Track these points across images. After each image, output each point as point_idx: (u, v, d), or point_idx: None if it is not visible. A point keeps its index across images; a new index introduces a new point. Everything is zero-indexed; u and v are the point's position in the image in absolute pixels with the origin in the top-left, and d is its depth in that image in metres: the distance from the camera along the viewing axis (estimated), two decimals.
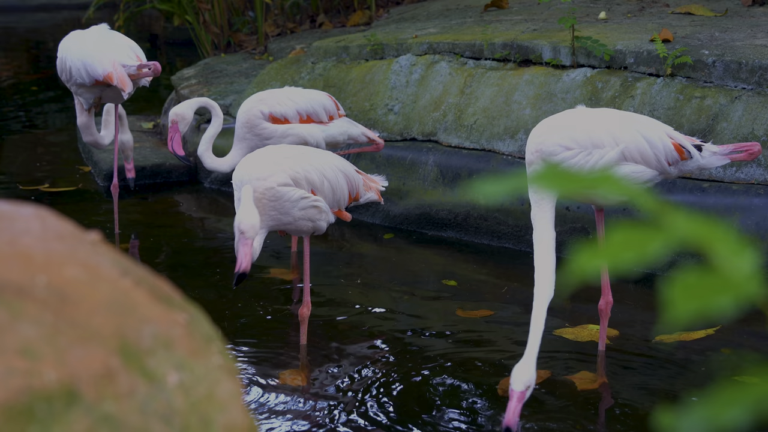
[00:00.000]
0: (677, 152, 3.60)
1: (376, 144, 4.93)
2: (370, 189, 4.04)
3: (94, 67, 4.95)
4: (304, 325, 3.90)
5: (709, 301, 0.62)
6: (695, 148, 3.63)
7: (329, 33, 7.10)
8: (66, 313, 1.05)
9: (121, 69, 4.94)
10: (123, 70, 4.95)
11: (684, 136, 3.66)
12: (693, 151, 3.61)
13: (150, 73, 5.03)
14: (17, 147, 7.28)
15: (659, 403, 3.50)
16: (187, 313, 1.18)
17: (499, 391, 3.57)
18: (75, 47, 5.04)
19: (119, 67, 4.94)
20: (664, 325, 3.80)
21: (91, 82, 5.00)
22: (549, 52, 5.27)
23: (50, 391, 0.97)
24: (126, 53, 5.02)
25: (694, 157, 3.62)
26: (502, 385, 3.59)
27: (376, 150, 5.00)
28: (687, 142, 3.63)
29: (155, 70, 5.01)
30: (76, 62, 5.00)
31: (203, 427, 1.06)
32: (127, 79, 4.93)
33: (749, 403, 0.67)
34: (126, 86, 4.92)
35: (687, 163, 3.63)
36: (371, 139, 4.88)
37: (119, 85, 4.92)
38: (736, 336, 3.98)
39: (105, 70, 4.93)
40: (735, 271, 0.64)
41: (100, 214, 5.68)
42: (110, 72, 4.92)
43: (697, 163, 3.64)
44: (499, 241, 5.06)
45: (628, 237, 0.66)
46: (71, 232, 1.20)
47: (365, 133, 4.85)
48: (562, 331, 4.01)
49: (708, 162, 3.65)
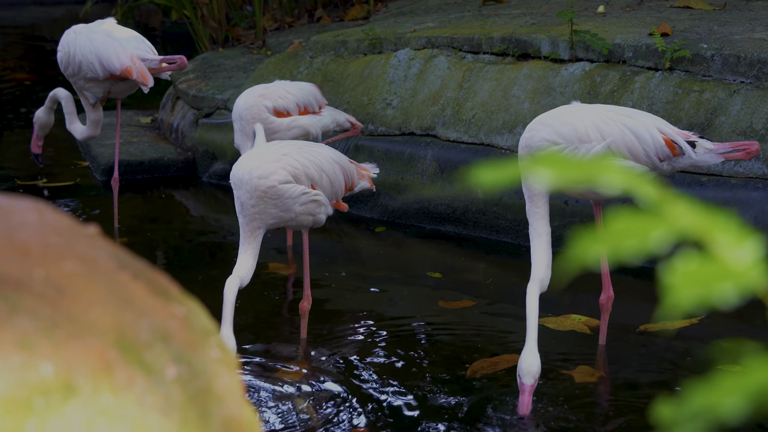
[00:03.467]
0: (668, 148, 3.53)
1: (356, 127, 5.14)
2: (363, 177, 4.06)
3: (111, 61, 4.87)
4: (304, 319, 3.90)
5: (709, 289, 0.62)
6: (689, 145, 3.57)
7: (327, 27, 7.09)
8: (63, 307, 1.05)
9: (140, 63, 4.87)
10: (142, 64, 4.88)
11: (678, 131, 3.59)
12: (685, 147, 3.54)
13: (175, 67, 4.99)
14: (14, 142, 7.27)
15: (658, 394, 3.50)
16: (186, 307, 1.18)
17: (471, 372, 3.57)
18: (85, 41, 4.95)
19: (138, 61, 4.87)
20: (663, 313, 3.81)
21: (105, 76, 4.93)
22: (547, 46, 5.27)
23: (48, 384, 0.97)
24: (143, 47, 4.96)
25: (687, 154, 3.55)
26: (473, 367, 3.69)
27: (355, 134, 5.22)
28: (680, 138, 3.55)
29: (181, 64, 4.97)
30: (88, 56, 4.91)
31: (202, 420, 1.06)
32: (147, 73, 4.86)
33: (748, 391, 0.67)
34: (148, 81, 4.85)
35: (680, 160, 3.57)
36: (353, 123, 5.11)
37: (139, 80, 4.84)
38: (734, 327, 3.98)
39: (123, 64, 4.85)
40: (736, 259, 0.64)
41: (99, 208, 5.67)
42: (129, 66, 4.85)
43: (690, 159, 3.56)
44: (497, 235, 5.06)
45: (629, 225, 0.66)
46: (69, 226, 1.20)
47: (348, 119, 5.08)
48: (545, 320, 4.03)
49: (702, 159, 3.57)
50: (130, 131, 6.64)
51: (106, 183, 5.95)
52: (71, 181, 6.13)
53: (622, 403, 3.49)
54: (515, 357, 3.65)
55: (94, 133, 5.31)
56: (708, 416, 0.69)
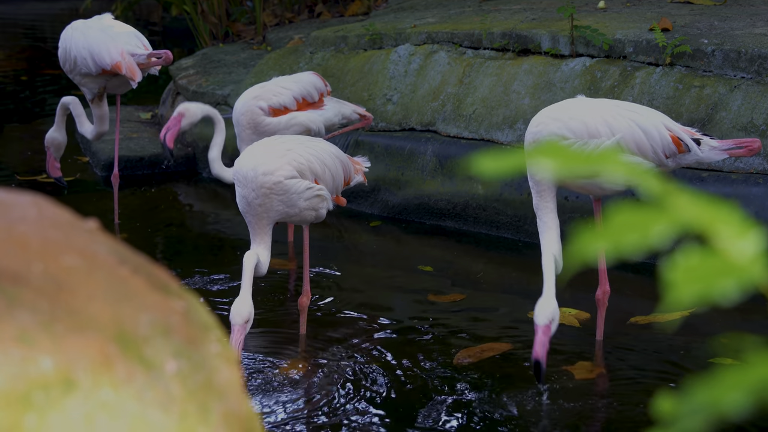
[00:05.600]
0: (675, 145, 3.59)
1: (367, 118, 5.02)
2: (357, 171, 4.05)
3: (102, 57, 4.91)
4: (303, 315, 3.90)
5: (711, 284, 0.62)
6: (694, 142, 3.61)
7: (327, 23, 7.08)
8: (63, 301, 1.05)
9: (129, 58, 4.90)
10: (131, 59, 4.91)
11: (683, 128, 3.64)
12: (691, 145, 3.59)
13: (161, 62, 5.01)
14: (14, 137, 7.27)
15: (658, 390, 3.50)
16: (185, 301, 1.18)
17: (457, 360, 3.57)
18: (79, 37, 4.99)
19: (128, 56, 4.90)
20: (665, 307, 3.84)
21: (97, 71, 4.96)
22: (548, 41, 5.26)
23: (47, 378, 0.97)
24: (133, 42, 4.99)
25: (692, 151, 3.60)
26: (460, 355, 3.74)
27: (367, 124, 5.11)
28: (685, 135, 3.60)
29: (166, 58, 4.99)
30: (81, 51, 4.95)
31: (202, 415, 1.06)
32: (136, 68, 4.89)
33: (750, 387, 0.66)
34: (135, 75, 4.88)
35: (685, 157, 3.62)
36: (361, 114, 4.98)
37: (128, 75, 4.88)
38: (735, 322, 3.98)
39: (113, 59, 4.89)
40: (738, 253, 0.63)
41: (99, 204, 5.67)
42: (118, 61, 4.88)
43: (695, 156, 3.62)
44: (498, 231, 5.06)
45: (630, 219, 0.65)
46: (68, 220, 1.20)
47: (356, 110, 4.96)
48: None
49: (706, 156, 3.63)
50: (130, 127, 6.64)
51: (106, 179, 5.95)
52: (71, 177, 6.13)
53: (622, 398, 3.49)
54: (502, 345, 3.75)
55: (102, 128, 5.29)
56: (710, 411, 0.69)
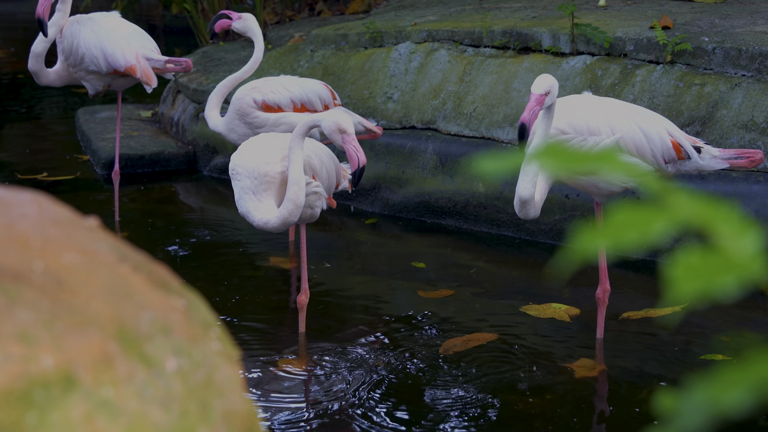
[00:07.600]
0: (675, 151, 3.61)
1: (374, 133, 4.85)
2: (344, 177, 4.03)
3: (116, 58, 4.82)
4: (302, 313, 3.90)
5: (712, 281, 0.62)
6: (695, 150, 3.63)
7: (328, 21, 7.08)
8: (63, 299, 1.05)
9: (145, 62, 4.82)
10: (147, 63, 4.84)
11: (686, 136, 3.67)
12: (691, 152, 3.62)
13: (179, 69, 4.95)
14: (15, 136, 7.27)
15: (659, 387, 3.50)
16: (186, 299, 1.18)
17: (443, 350, 3.57)
18: (89, 34, 4.89)
19: (143, 60, 4.83)
20: (665, 303, 3.86)
21: (108, 71, 4.89)
22: (548, 39, 5.26)
23: (48, 376, 0.97)
24: (149, 46, 4.91)
25: (693, 158, 3.63)
26: (445, 345, 3.78)
27: (374, 138, 4.93)
28: (687, 142, 3.63)
29: (186, 66, 4.93)
30: (92, 50, 4.87)
31: (202, 412, 1.06)
32: (152, 73, 4.81)
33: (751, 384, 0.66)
34: (151, 81, 4.81)
35: (684, 164, 3.64)
36: (368, 128, 4.81)
37: (143, 79, 4.80)
38: (736, 320, 3.98)
39: (128, 61, 4.81)
40: (738, 251, 0.63)
41: (99, 202, 5.67)
42: (133, 64, 4.80)
43: (695, 164, 3.64)
44: (498, 229, 5.06)
45: (630, 217, 0.65)
46: (69, 218, 1.19)
47: (362, 123, 4.78)
48: (527, 308, 4.08)
49: (707, 164, 3.66)
50: (130, 125, 6.64)
51: (106, 177, 5.95)
52: (72, 175, 6.13)
53: (623, 396, 3.49)
54: (486, 335, 3.79)
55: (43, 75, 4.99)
56: (710, 409, 0.69)
